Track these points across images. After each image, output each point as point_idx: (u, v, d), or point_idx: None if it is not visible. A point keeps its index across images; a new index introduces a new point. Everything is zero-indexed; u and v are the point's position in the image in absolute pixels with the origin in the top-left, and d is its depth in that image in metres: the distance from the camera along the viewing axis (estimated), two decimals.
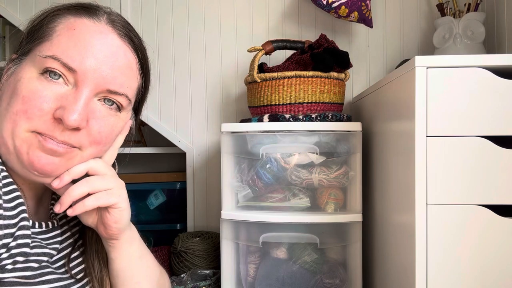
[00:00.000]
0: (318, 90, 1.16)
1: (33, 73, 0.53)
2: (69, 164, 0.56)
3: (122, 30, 0.59)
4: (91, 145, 0.56)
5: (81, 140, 0.55)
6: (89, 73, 0.54)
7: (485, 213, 0.76)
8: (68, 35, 0.54)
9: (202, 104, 1.56)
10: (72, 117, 0.51)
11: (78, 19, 0.56)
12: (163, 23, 1.56)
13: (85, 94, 0.53)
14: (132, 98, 0.61)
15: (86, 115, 0.54)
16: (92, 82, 0.54)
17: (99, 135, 0.57)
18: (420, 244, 0.78)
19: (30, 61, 0.54)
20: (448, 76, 0.77)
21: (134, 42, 0.60)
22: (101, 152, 0.60)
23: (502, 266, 0.76)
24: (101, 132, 0.57)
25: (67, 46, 0.53)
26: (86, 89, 0.54)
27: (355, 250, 1.12)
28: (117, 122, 0.59)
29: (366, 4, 1.32)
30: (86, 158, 0.57)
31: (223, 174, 1.15)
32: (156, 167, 1.84)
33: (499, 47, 1.29)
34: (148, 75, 0.65)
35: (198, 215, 1.56)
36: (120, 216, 0.59)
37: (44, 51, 0.53)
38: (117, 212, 0.59)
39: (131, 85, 0.60)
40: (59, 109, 0.52)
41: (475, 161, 0.77)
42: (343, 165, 1.13)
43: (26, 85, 0.52)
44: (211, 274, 1.26)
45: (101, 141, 0.57)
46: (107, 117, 0.57)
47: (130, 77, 0.59)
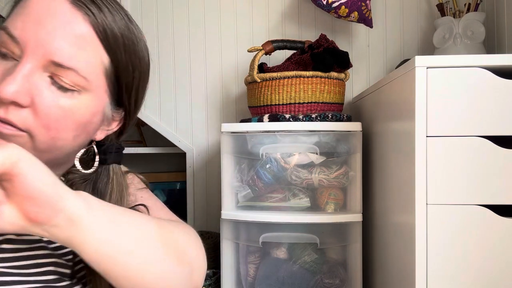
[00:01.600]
0: (318, 90, 1.16)
1: None
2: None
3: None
4: (41, 130, 0.49)
5: (27, 121, 0.48)
6: (30, 41, 0.48)
7: (485, 213, 0.76)
8: (21, 5, 0.50)
9: (202, 104, 1.56)
10: (7, 87, 0.45)
11: None
12: (163, 23, 1.56)
13: (27, 65, 0.48)
14: (90, 77, 0.52)
15: (28, 89, 0.48)
16: (34, 52, 0.48)
17: (47, 117, 0.49)
18: (420, 244, 0.78)
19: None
20: (448, 76, 0.77)
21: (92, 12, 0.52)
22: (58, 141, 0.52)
23: (502, 266, 0.76)
24: (49, 114, 0.49)
25: (16, 16, 0.50)
26: (28, 60, 0.48)
27: (355, 250, 1.12)
28: (74, 105, 0.51)
29: (366, 4, 1.32)
30: (39, 146, 0.50)
31: (223, 174, 1.15)
32: (156, 167, 1.84)
33: (499, 47, 1.29)
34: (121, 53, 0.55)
35: (198, 215, 1.56)
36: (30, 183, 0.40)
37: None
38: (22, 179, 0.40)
39: (83, 58, 0.51)
40: None
41: (475, 161, 0.77)
42: (343, 165, 1.13)
43: None
44: (211, 274, 1.26)
45: (50, 125, 0.49)
46: (58, 97, 0.50)
47: (82, 49, 0.51)
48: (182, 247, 0.57)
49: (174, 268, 0.54)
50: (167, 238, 0.54)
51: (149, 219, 0.55)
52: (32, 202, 0.40)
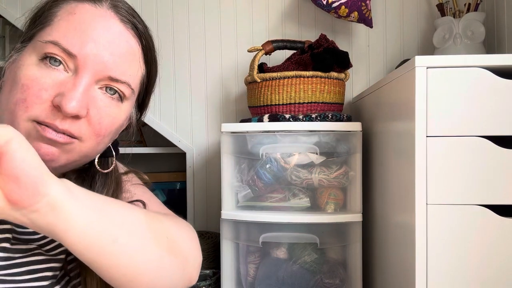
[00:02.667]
0: (318, 90, 1.16)
1: (33, 60, 0.51)
2: (69, 157, 0.53)
3: (125, 15, 0.56)
4: (91, 136, 0.53)
5: (82, 130, 0.52)
6: (89, 58, 0.51)
7: (485, 213, 0.76)
8: (69, 20, 0.52)
9: (202, 104, 1.56)
10: (71, 104, 0.48)
11: (80, 3, 0.54)
12: (163, 23, 1.56)
13: (85, 81, 0.51)
14: (135, 88, 0.58)
15: (86, 102, 0.51)
16: (93, 68, 0.52)
17: (99, 126, 0.53)
18: (420, 244, 0.78)
19: (31, 47, 0.53)
20: (448, 76, 0.77)
21: (137, 29, 0.57)
22: (100, 145, 0.56)
23: (502, 266, 0.76)
24: (101, 123, 0.54)
25: (67, 30, 0.51)
26: (86, 76, 0.51)
27: (355, 250, 1.12)
28: (118, 113, 0.56)
29: (366, 4, 1.32)
30: (85, 151, 0.54)
31: (223, 174, 1.15)
32: (156, 167, 1.84)
33: (499, 47, 1.29)
34: (153, 65, 0.62)
35: (198, 215, 1.57)
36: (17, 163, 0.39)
37: (45, 37, 0.51)
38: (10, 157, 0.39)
39: (133, 73, 0.57)
40: (57, 96, 0.49)
41: (475, 161, 0.77)
42: (343, 165, 1.13)
43: (25, 73, 0.50)
44: (211, 274, 1.26)
45: (100, 132, 0.54)
46: (109, 107, 0.54)
47: (133, 64, 0.56)
48: (173, 238, 0.56)
49: (164, 258, 0.54)
50: (156, 228, 0.54)
51: (138, 209, 0.55)
52: (16, 182, 0.39)
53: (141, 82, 0.60)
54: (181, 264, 0.57)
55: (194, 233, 0.65)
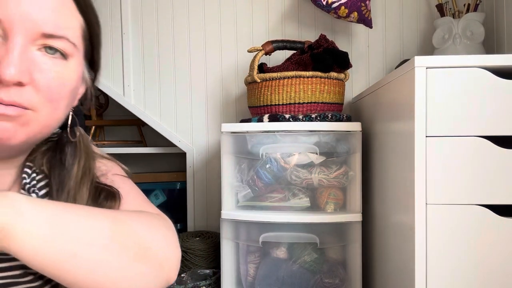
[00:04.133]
0: (318, 90, 1.17)
1: None
2: (28, 131, 0.49)
3: None
4: (45, 103, 0.49)
5: (31, 98, 0.48)
6: (15, 18, 0.46)
7: (485, 213, 0.77)
8: None
9: (202, 104, 1.56)
10: (8, 70, 0.44)
11: None
12: (163, 23, 1.56)
13: (18, 43, 0.46)
14: (77, 42, 0.52)
15: (27, 67, 0.47)
16: (23, 28, 0.47)
17: (49, 90, 0.49)
18: (420, 244, 0.78)
19: None
20: (447, 76, 0.77)
21: None
22: (57, 111, 0.52)
23: (501, 266, 0.76)
24: (50, 86, 0.49)
25: None
26: (18, 37, 0.46)
27: (354, 250, 1.13)
28: (67, 73, 0.51)
29: (366, 4, 1.32)
30: (43, 121, 0.50)
31: (223, 174, 1.15)
32: (156, 167, 1.84)
33: (499, 47, 1.30)
34: (91, 14, 0.55)
35: (198, 215, 1.57)
36: None
37: None
38: None
39: (69, 25, 0.51)
40: None
41: (475, 161, 0.77)
42: (343, 165, 1.13)
43: None
44: (211, 273, 1.26)
45: (52, 97, 0.49)
46: (54, 67, 0.50)
47: (66, 16, 0.51)
48: (144, 243, 0.53)
49: (131, 267, 0.51)
50: (123, 235, 0.51)
51: (102, 215, 0.51)
52: None
53: (83, 35, 0.54)
54: (154, 269, 0.54)
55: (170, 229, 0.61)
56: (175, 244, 0.59)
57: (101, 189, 0.59)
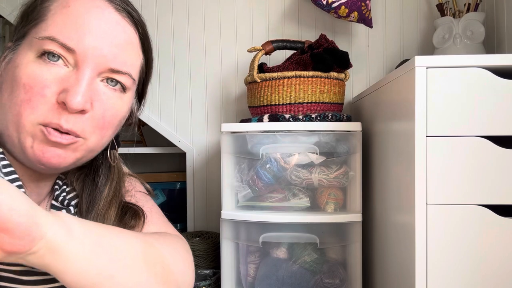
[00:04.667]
0: (318, 90, 1.16)
1: (30, 57, 0.50)
2: (76, 155, 0.53)
3: (120, 3, 0.55)
4: (95, 131, 0.53)
5: (85, 127, 0.52)
6: (88, 52, 0.51)
7: (485, 213, 0.77)
8: (63, 13, 0.51)
9: (202, 104, 1.56)
10: (76, 99, 0.48)
11: None
12: (163, 23, 1.56)
13: (87, 74, 0.51)
14: (136, 77, 0.58)
15: (90, 96, 0.51)
16: (93, 61, 0.51)
17: (103, 120, 0.53)
18: (420, 244, 0.78)
19: (26, 45, 0.51)
20: (448, 76, 0.77)
21: (133, 17, 0.56)
22: (104, 138, 0.56)
23: (501, 266, 0.76)
24: (105, 116, 0.53)
25: (63, 24, 0.50)
26: (88, 69, 0.51)
27: (355, 250, 1.12)
28: (121, 105, 0.56)
29: (366, 4, 1.32)
30: (91, 146, 0.54)
31: (223, 174, 1.15)
32: (156, 167, 1.84)
33: (499, 47, 1.29)
34: (150, 52, 0.61)
35: (198, 215, 1.57)
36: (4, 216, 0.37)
37: (40, 33, 0.50)
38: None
39: (133, 63, 0.56)
40: (62, 93, 0.49)
41: (475, 161, 0.77)
42: (343, 165, 1.13)
43: (25, 71, 0.49)
44: (211, 274, 1.26)
45: (104, 126, 0.54)
46: (112, 99, 0.54)
47: (132, 54, 0.56)
48: (168, 266, 0.56)
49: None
50: (153, 258, 0.54)
51: (135, 238, 0.53)
52: (8, 233, 0.37)
53: (141, 71, 0.59)
54: None
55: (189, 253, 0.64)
56: (192, 267, 0.62)
57: (127, 208, 0.62)
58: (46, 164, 0.51)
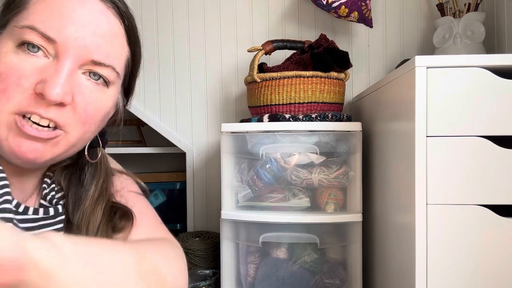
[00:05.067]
0: (318, 90, 1.16)
1: (10, 47, 0.48)
2: (55, 150, 0.50)
3: None
4: (77, 125, 0.51)
5: (67, 119, 0.49)
6: (70, 42, 0.48)
7: (485, 213, 0.76)
8: (46, 2, 0.49)
9: (202, 104, 1.56)
10: (55, 90, 0.46)
11: None
12: (162, 23, 1.56)
13: (67, 66, 0.48)
14: (120, 71, 0.55)
15: (70, 88, 0.49)
16: (74, 52, 0.49)
17: (85, 114, 0.51)
18: (420, 244, 0.78)
19: (7, 34, 0.49)
20: (448, 76, 0.77)
21: (118, 7, 0.54)
22: (87, 134, 0.54)
23: (501, 266, 0.76)
24: (87, 110, 0.51)
25: (45, 13, 0.48)
26: (68, 60, 0.48)
27: (355, 250, 1.12)
28: (105, 100, 0.54)
29: (366, 4, 1.32)
30: (72, 141, 0.52)
31: (223, 174, 1.15)
32: (156, 167, 1.84)
33: (499, 47, 1.29)
34: (137, 45, 0.59)
35: (198, 215, 1.56)
36: None
37: (21, 21, 0.48)
38: None
39: (117, 55, 0.53)
40: (40, 84, 0.47)
41: (475, 161, 0.77)
42: (343, 165, 1.13)
43: (3, 61, 0.47)
44: (211, 274, 1.26)
45: (86, 120, 0.51)
46: (94, 93, 0.52)
47: (116, 46, 0.53)
48: (161, 277, 0.55)
49: None
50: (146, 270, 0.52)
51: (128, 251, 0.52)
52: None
53: (126, 64, 0.57)
54: None
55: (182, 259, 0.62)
56: (186, 273, 0.61)
57: (116, 208, 0.61)
58: (22, 158, 0.48)
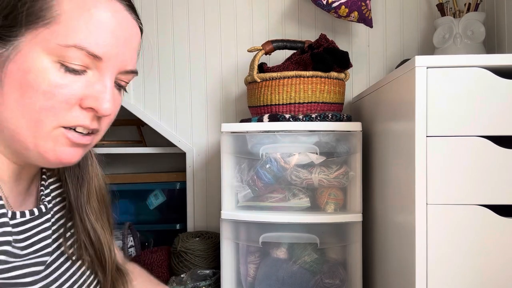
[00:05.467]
0: (318, 90, 1.16)
1: (47, 63, 0.47)
2: (87, 150, 0.57)
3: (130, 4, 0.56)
4: (107, 127, 0.57)
5: (104, 124, 0.56)
6: (112, 58, 0.52)
7: (485, 213, 0.76)
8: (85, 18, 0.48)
9: (202, 104, 1.56)
10: (105, 106, 0.51)
11: None
12: (163, 23, 1.56)
13: (111, 80, 0.53)
14: None
15: (114, 100, 0.54)
16: (114, 66, 0.53)
17: (113, 117, 0.58)
18: (420, 244, 0.78)
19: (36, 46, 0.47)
20: (448, 76, 0.77)
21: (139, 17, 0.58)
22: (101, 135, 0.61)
23: (502, 266, 0.76)
24: (115, 114, 0.57)
25: (88, 31, 0.48)
26: (111, 74, 0.53)
27: (355, 250, 1.12)
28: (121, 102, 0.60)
29: (366, 4, 1.32)
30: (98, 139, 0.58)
31: (223, 174, 1.15)
32: (156, 167, 1.84)
33: (499, 47, 1.29)
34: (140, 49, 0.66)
35: (198, 215, 1.56)
36: None
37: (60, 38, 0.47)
38: None
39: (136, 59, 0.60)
40: (88, 99, 0.50)
41: (475, 161, 0.77)
42: (343, 165, 1.13)
43: (44, 78, 0.47)
44: (211, 274, 1.26)
45: (110, 122, 0.58)
46: (119, 97, 0.58)
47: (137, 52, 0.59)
48: None
49: None
50: None
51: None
52: None
53: None
54: None
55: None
56: None
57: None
58: (65, 163, 0.53)
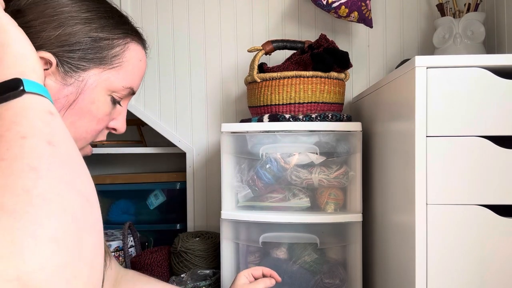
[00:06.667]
0: (318, 90, 1.16)
1: (105, 97, 0.60)
2: None
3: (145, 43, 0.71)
4: None
5: None
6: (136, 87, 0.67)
7: (485, 213, 0.76)
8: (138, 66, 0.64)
9: (202, 104, 1.56)
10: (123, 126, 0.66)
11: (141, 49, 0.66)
12: (163, 23, 1.56)
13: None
14: None
15: None
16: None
17: None
18: (420, 244, 0.78)
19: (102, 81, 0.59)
20: (448, 76, 0.77)
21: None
22: None
23: (502, 266, 0.76)
24: None
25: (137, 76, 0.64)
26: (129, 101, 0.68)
27: (355, 250, 1.12)
28: None
29: (366, 4, 1.32)
30: None
31: (223, 174, 1.15)
32: (156, 167, 1.84)
33: (499, 47, 1.29)
34: None
35: (198, 215, 1.56)
36: None
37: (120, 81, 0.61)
38: None
39: None
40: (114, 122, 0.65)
41: (475, 161, 0.77)
42: (343, 165, 1.13)
43: (102, 109, 0.60)
44: (211, 274, 1.26)
45: None
46: None
47: None
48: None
49: None
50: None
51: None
52: None
53: None
54: None
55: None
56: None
57: None
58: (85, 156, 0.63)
